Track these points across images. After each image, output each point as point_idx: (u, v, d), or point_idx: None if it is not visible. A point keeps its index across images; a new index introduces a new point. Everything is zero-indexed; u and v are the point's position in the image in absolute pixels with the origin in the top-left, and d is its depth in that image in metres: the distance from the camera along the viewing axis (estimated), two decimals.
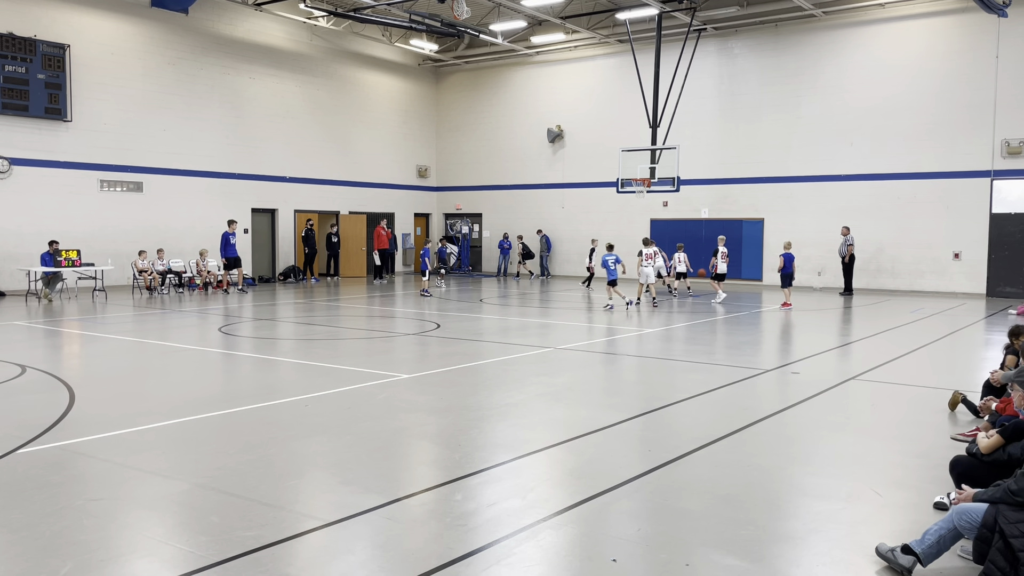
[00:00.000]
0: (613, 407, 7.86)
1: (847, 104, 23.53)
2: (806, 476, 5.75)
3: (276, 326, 14.77)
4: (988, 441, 4.90)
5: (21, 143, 20.14)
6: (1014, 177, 21.43)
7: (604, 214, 28.02)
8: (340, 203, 28.44)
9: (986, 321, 15.94)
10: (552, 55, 29.05)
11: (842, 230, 22.32)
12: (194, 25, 23.72)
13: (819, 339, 13.63)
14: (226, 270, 21.86)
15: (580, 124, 28.62)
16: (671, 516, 4.90)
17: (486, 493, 5.28)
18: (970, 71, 21.79)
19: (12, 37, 19.71)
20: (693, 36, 24.25)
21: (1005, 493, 4.06)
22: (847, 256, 21.94)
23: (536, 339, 13.00)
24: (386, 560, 4.21)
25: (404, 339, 13.18)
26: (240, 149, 25.05)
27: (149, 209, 22.77)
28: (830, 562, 4.25)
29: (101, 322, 14.86)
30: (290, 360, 10.87)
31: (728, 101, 25.63)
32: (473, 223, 31.81)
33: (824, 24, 23.81)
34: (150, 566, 4.13)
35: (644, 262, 19.27)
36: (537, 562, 4.20)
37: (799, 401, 8.23)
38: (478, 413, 7.54)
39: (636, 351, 11.80)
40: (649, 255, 19.48)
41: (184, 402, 7.90)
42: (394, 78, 30.34)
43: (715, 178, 25.88)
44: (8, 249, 20.02)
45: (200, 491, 5.24)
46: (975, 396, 7.64)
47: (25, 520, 4.69)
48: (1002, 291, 21.66)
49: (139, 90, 22.45)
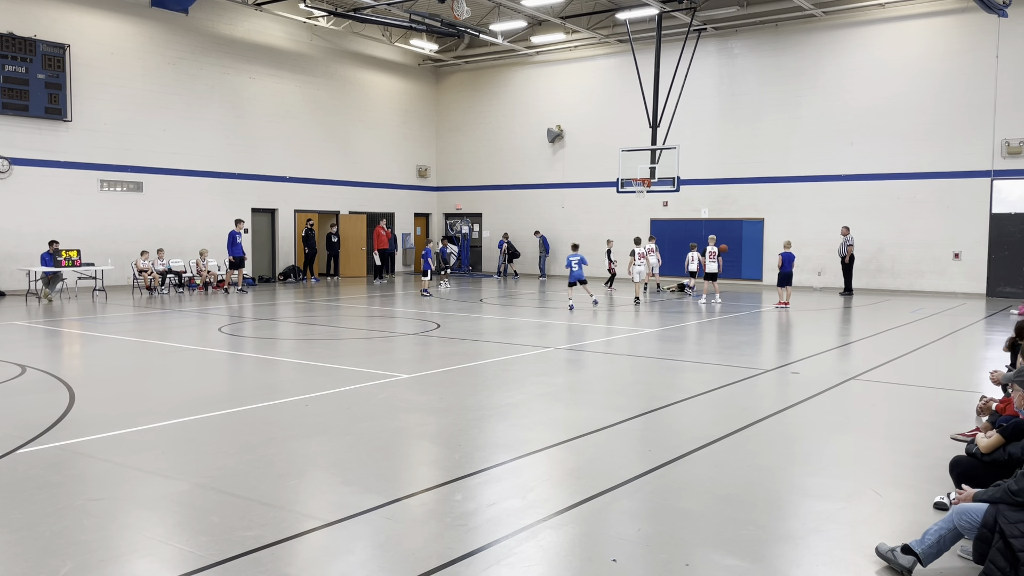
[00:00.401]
0: (613, 407, 7.86)
1: (847, 104, 23.53)
2: (806, 476, 5.75)
3: (276, 326, 14.77)
4: (988, 441, 4.90)
5: (21, 143, 20.15)
6: (1014, 177, 21.43)
7: (604, 214, 28.03)
8: (340, 203, 28.44)
9: (986, 321, 15.94)
10: (552, 55, 29.05)
11: (842, 230, 22.32)
12: (194, 25, 23.72)
13: (819, 339, 13.62)
14: (231, 268, 21.95)
15: (580, 124, 28.62)
16: (671, 516, 4.90)
17: (486, 493, 5.28)
18: (970, 71, 21.79)
19: (12, 37, 19.71)
20: (693, 36, 24.25)
21: (1005, 493, 4.06)
22: (847, 256, 21.94)
23: (536, 339, 13.00)
24: (386, 560, 4.21)
25: (404, 339, 13.18)
26: (240, 149, 25.05)
27: (149, 209, 22.77)
28: (830, 562, 4.25)
29: (101, 322, 14.86)
30: (290, 360, 10.87)
31: (728, 101, 25.63)
32: (473, 223, 31.81)
33: (824, 24, 23.81)
34: (150, 566, 4.13)
35: (637, 261, 19.31)
36: (537, 562, 4.20)
37: (799, 401, 8.23)
38: (478, 413, 7.54)
39: (636, 351, 11.79)
40: (641, 253, 19.50)
41: (184, 402, 7.90)
42: (394, 78, 30.34)
43: (715, 178, 25.88)
44: (8, 249, 20.02)
45: (200, 491, 5.24)
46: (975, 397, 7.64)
47: (25, 520, 4.69)
48: (1002, 291, 21.66)
49: (139, 90, 22.45)
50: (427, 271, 21.53)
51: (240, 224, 22.05)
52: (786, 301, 18.52)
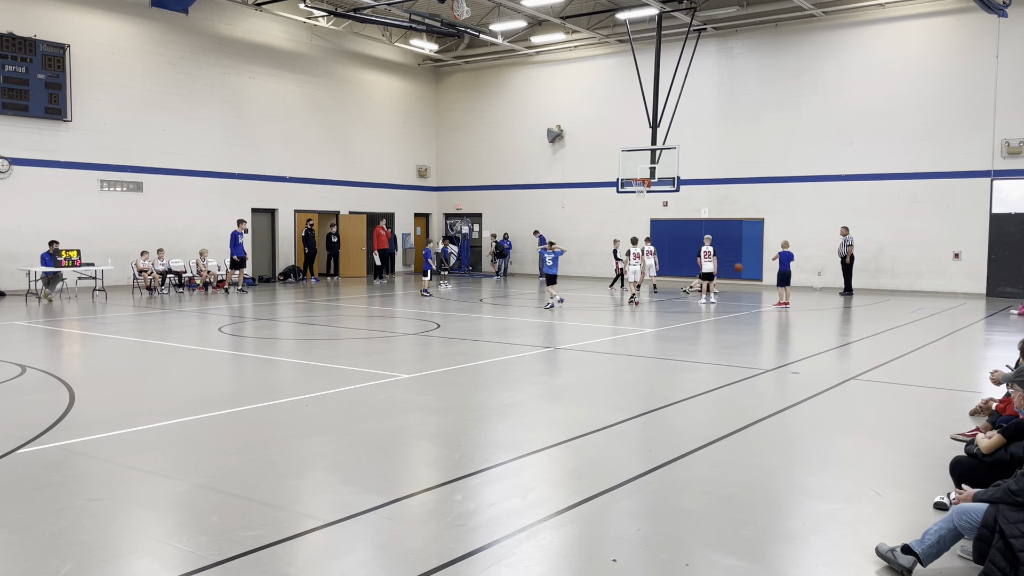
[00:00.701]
0: (613, 407, 7.86)
1: (847, 104, 23.53)
2: (806, 476, 5.75)
3: (276, 326, 14.77)
4: (989, 441, 4.90)
5: (21, 143, 20.14)
6: (1014, 177, 21.43)
7: (604, 214, 28.03)
8: (340, 203, 28.44)
9: (986, 321, 15.94)
10: (552, 55, 29.05)
11: (841, 230, 22.32)
12: (194, 25, 23.72)
13: (819, 339, 13.63)
14: (232, 268, 21.99)
15: (580, 124, 28.62)
16: (671, 516, 4.90)
17: (486, 493, 5.28)
18: (970, 71, 21.79)
19: (12, 37, 19.71)
20: (693, 36, 24.25)
21: (1005, 493, 4.06)
22: (847, 256, 21.94)
23: (536, 339, 13.00)
24: (386, 560, 4.21)
25: (404, 339, 13.18)
26: (240, 149, 25.05)
27: (149, 209, 22.77)
28: (830, 562, 4.25)
29: (101, 322, 14.86)
30: (290, 360, 10.87)
31: (728, 101, 25.62)
32: (473, 223, 31.81)
33: (824, 24, 23.81)
34: (150, 566, 4.13)
35: (632, 261, 19.30)
36: (537, 562, 4.20)
37: (799, 401, 8.23)
38: (478, 413, 7.54)
39: (636, 351, 11.79)
40: (636, 254, 19.48)
41: (184, 402, 7.89)
42: (394, 78, 30.34)
43: (715, 178, 25.88)
44: (8, 249, 20.01)
45: (200, 491, 5.24)
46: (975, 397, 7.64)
47: (25, 520, 4.69)
48: (1002, 291, 21.66)
49: (139, 90, 22.44)
50: (427, 271, 21.54)
51: (242, 224, 22.16)
52: (786, 301, 18.52)
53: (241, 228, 21.94)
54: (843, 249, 22.02)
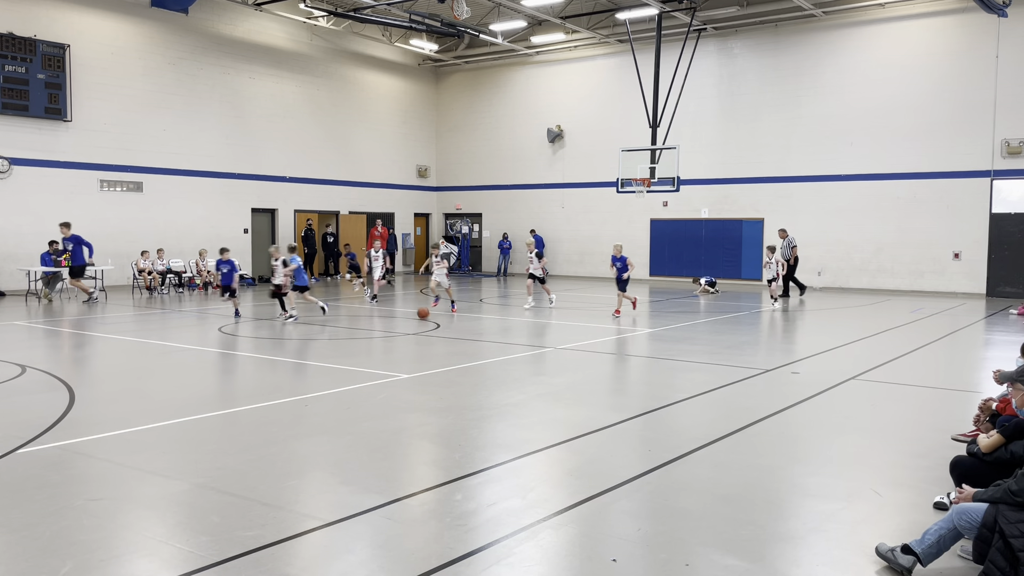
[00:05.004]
0: (613, 407, 7.86)
1: (847, 104, 23.53)
2: (806, 476, 5.75)
3: (276, 326, 14.76)
4: (989, 441, 4.90)
5: (21, 143, 20.14)
6: (1014, 177, 21.43)
7: (604, 214, 28.03)
8: (340, 203, 28.44)
9: (986, 321, 15.94)
10: (552, 55, 29.05)
11: (779, 232, 21.30)
12: (194, 25, 23.71)
13: (819, 339, 13.62)
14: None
15: (580, 124, 28.61)
16: (671, 516, 4.90)
17: (486, 493, 5.28)
18: (970, 71, 21.79)
19: (12, 37, 19.71)
20: (693, 36, 24.24)
21: (1005, 493, 4.06)
22: (791, 258, 20.78)
23: (536, 339, 13.00)
24: (386, 560, 4.21)
25: (404, 339, 13.17)
26: (240, 149, 25.05)
27: (149, 209, 22.77)
28: (830, 562, 4.25)
29: (101, 322, 14.86)
30: (290, 360, 10.87)
31: (728, 101, 25.62)
32: (473, 223, 31.81)
33: (824, 24, 23.81)
34: (150, 566, 4.13)
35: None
36: (537, 562, 4.20)
37: (799, 401, 8.23)
38: (478, 413, 7.54)
39: (636, 351, 11.79)
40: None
41: (184, 402, 7.89)
42: (394, 78, 30.33)
43: (715, 178, 25.88)
44: (8, 249, 20.01)
45: (200, 491, 5.24)
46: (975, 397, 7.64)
47: (25, 520, 4.69)
48: (1002, 291, 21.66)
49: (139, 90, 22.44)
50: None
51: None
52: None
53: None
54: (787, 252, 20.83)
